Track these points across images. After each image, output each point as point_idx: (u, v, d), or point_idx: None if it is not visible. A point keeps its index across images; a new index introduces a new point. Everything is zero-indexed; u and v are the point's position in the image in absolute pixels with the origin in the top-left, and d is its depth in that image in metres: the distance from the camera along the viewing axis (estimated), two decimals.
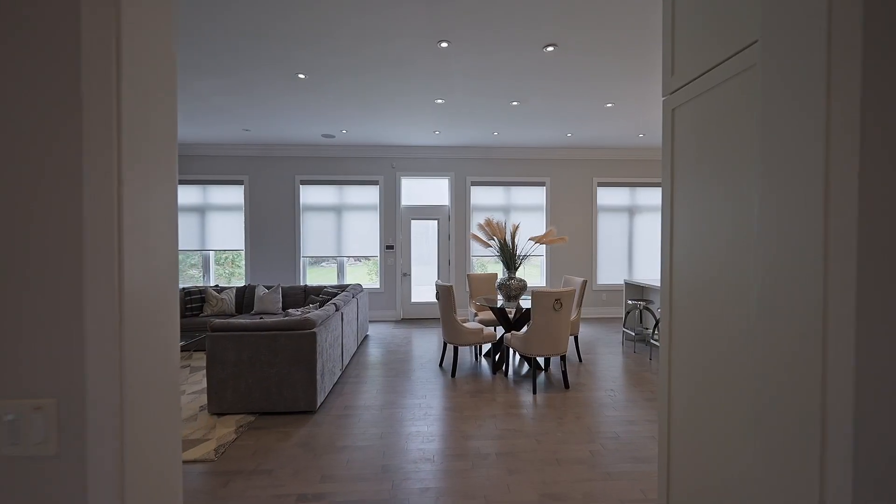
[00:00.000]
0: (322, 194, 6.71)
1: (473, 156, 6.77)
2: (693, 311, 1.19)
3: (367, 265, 7.05)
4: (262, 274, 6.65)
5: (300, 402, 3.08)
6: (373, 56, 3.41)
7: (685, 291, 1.25)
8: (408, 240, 6.83)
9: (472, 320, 4.87)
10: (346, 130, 5.71)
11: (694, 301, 1.19)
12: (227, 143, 6.41)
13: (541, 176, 6.91)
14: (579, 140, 6.29)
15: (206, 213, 6.60)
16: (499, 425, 2.92)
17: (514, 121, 5.27)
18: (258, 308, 5.18)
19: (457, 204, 6.80)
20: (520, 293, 4.25)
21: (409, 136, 5.99)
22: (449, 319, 3.98)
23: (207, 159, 6.57)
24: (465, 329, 3.95)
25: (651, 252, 7.08)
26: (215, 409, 3.05)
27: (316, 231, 6.71)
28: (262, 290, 5.33)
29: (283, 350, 3.06)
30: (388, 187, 6.74)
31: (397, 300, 6.79)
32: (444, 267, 6.85)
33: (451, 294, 3.95)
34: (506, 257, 4.33)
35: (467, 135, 5.97)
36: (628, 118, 5.17)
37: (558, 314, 3.51)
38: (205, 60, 3.50)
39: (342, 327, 4.01)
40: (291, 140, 6.22)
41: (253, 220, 6.63)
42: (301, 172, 6.67)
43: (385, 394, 3.55)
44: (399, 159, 6.74)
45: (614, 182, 6.98)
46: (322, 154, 6.63)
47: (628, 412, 3.15)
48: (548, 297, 3.46)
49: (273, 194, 6.65)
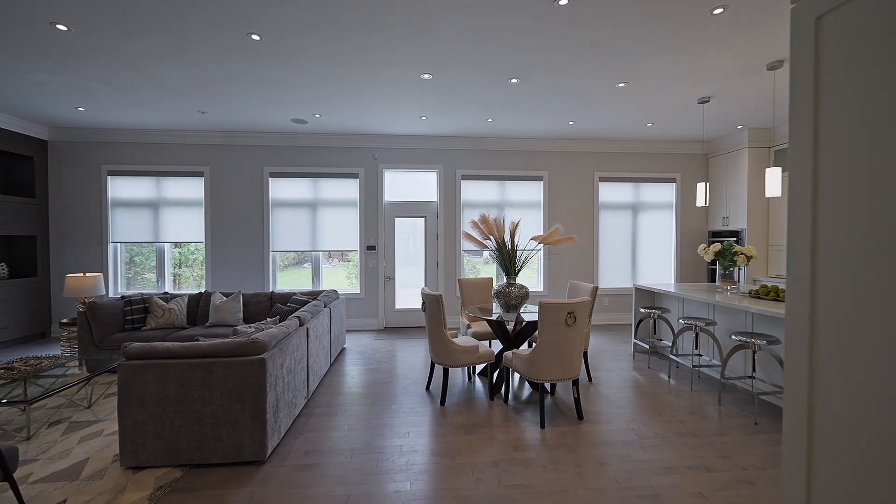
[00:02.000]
0: (294, 188, 5.96)
1: (464, 146, 6.12)
2: (863, 328, 0.62)
3: (346, 268, 6.33)
4: (225, 279, 5.88)
5: (244, 449, 2.38)
6: (344, 7, 2.72)
7: (847, 293, 0.80)
8: (391, 240, 6.13)
9: (464, 333, 4.22)
10: (320, 115, 4.99)
11: (865, 310, 0.61)
12: (182, 130, 5.62)
13: (538, 169, 6.29)
14: (582, 129, 5.69)
15: (161, 209, 5.80)
16: (503, 478, 2.27)
17: (511, 104, 4.63)
18: (214, 319, 4.42)
19: (446, 200, 6.14)
20: (521, 303, 3.61)
21: (393, 123, 5.30)
22: (438, 336, 3.31)
23: (160, 147, 5.76)
24: (457, 347, 3.28)
25: (658, 253, 6.53)
26: (130, 461, 2.32)
27: (287, 230, 5.96)
28: (218, 297, 4.57)
29: (222, 382, 2.35)
30: (370, 181, 6.03)
31: (379, 307, 6.09)
32: (431, 270, 6.18)
33: (439, 305, 3.28)
34: (504, 260, 3.68)
35: (458, 122, 5.31)
36: (640, 103, 4.58)
37: (571, 330, 2.87)
38: (130, 10, 2.76)
39: (308, 346, 3.30)
40: (257, 126, 5.47)
41: (214, 217, 5.85)
42: (270, 164, 5.91)
43: (359, 431, 2.86)
44: (382, 150, 6.04)
45: (617, 177, 6.41)
46: (294, 143, 5.89)
47: (660, 454, 2.53)
48: (558, 311, 2.82)
49: (238, 188, 5.88)
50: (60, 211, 5.65)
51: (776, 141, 5.55)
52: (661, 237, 6.54)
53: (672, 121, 5.28)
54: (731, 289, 4.17)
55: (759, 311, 3.10)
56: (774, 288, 3.51)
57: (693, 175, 6.52)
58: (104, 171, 5.68)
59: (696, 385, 3.73)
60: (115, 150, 5.71)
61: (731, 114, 4.97)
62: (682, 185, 6.51)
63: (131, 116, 5.05)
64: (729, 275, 4.32)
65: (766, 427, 2.90)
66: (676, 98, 4.43)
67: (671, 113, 4.96)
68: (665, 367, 4.22)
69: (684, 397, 3.44)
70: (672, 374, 4.03)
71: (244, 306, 4.68)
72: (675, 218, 6.51)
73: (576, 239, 3.63)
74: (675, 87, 4.12)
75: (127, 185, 5.75)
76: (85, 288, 4.35)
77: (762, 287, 3.63)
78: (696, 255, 6.52)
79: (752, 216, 5.68)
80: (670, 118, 5.17)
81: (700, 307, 4.18)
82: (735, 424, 2.94)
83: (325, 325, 4.00)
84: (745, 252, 3.95)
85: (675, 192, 6.50)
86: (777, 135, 5.51)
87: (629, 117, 5.15)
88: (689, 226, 6.53)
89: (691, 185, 6.51)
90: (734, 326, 3.74)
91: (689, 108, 4.79)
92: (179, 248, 6.01)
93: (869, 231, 0.79)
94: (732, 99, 4.44)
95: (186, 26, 2.94)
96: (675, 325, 4.50)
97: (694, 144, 6.41)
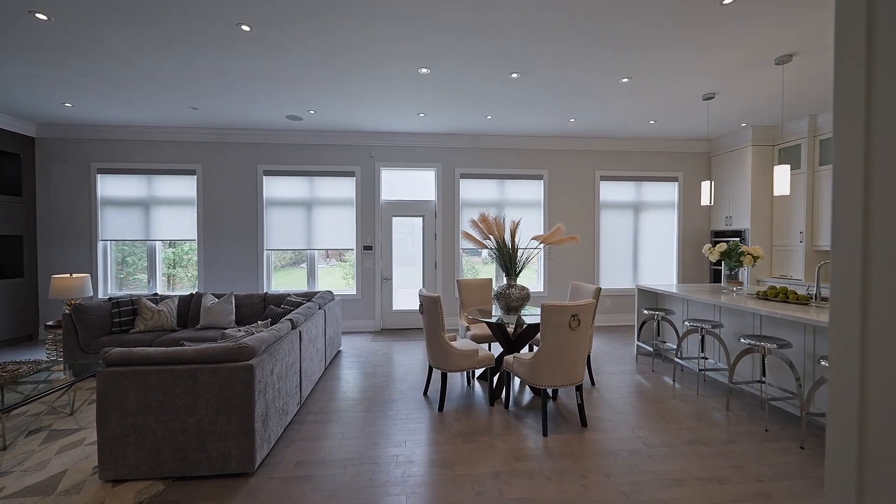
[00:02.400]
0: (289, 187, 5.83)
1: (463, 144, 5.99)
2: None
3: (342, 268, 6.20)
4: (218, 280, 5.74)
5: (231, 460, 2.25)
6: None
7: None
8: (389, 239, 6.00)
9: (462, 336, 4.09)
10: (315, 111, 4.86)
11: None
12: (174, 126, 5.48)
13: (538, 168, 6.17)
14: (583, 127, 5.57)
15: (152, 208, 5.65)
16: (504, 491, 2.15)
17: (511, 101, 4.51)
18: (205, 321, 4.28)
19: (444, 199, 6.02)
20: (521, 304, 3.49)
21: (390, 119, 5.18)
22: (436, 339, 3.18)
23: (151, 145, 5.62)
24: (456, 351, 3.16)
25: (660, 253, 6.42)
26: (110, 473, 2.19)
27: (282, 229, 5.83)
28: (210, 299, 4.43)
29: (207, 390, 2.22)
30: (366, 179, 5.90)
31: (376, 308, 5.96)
32: (429, 270, 6.06)
33: (438, 307, 3.15)
34: (504, 260, 3.56)
35: (456, 119, 5.19)
36: (643, 99, 4.46)
37: (575, 334, 2.75)
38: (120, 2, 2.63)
39: (300, 350, 3.17)
40: (251, 123, 5.34)
41: (207, 216, 5.71)
42: (264, 162, 5.78)
43: (354, 439, 2.73)
44: (378, 147, 5.92)
45: (618, 176, 6.30)
46: (288, 140, 5.75)
47: (669, 464, 2.41)
48: (562, 313, 2.70)
49: (231, 187, 5.74)
50: (48, 210, 5.50)
51: (781, 139, 5.44)
52: (662, 237, 6.44)
53: (675, 118, 5.17)
54: (736, 290, 4.06)
55: (768, 314, 2.99)
56: (783, 289, 3.40)
57: (695, 174, 6.41)
58: (93, 169, 5.54)
59: (703, 389, 3.61)
60: (104, 147, 5.56)
61: (735, 111, 4.86)
62: (684, 183, 6.40)
63: (120, 112, 4.90)
64: (734, 276, 4.22)
65: (777, 434, 2.79)
66: (681, 94, 4.32)
67: (675, 110, 4.85)
68: (669, 371, 4.11)
69: (691, 402, 3.33)
70: (677, 377, 3.92)
71: (236, 308, 4.55)
72: (678, 217, 6.41)
73: (579, 238, 3.51)
74: (679, 83, 4.01)
75: (117, 184, 5.61)
76: (71, 289, 4.21)
77: (770, 288, 3.52)
78: (698, 255, 6.41)
79: (756, 215, 5.58)
80: (674, 115, 5.06)
81: (705, 309, 4.07)
82: (745, 431, 2.82)
83: (320, 327, 3.87)
84: (751, 252, 3.84)
85: (678, 191, 6.39)
86: (782, 132, 5.41)
87: (632, 114, 5.04)
88: (692, 225, 6.43)
89: (694, 183, 6.41)
90: (741, 329, 3.63)
91: (694, 105, 4.68)
92: (173, 248, 5.87)
93: None
94: (738, 94, 4.33)
95: (172, 15, 2.80)
96: (680, 327, 4.39)
97: (696, 143, 6.31)
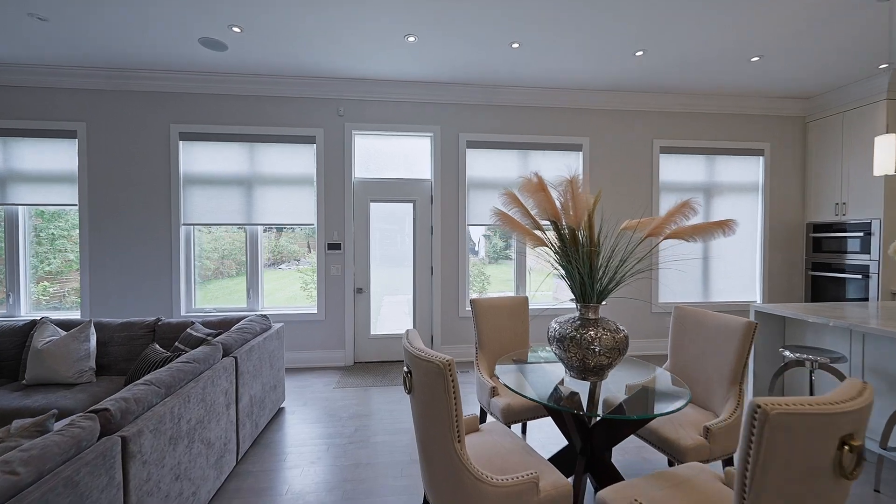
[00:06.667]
0: (218, 157, 4.01)
1: (472, 99, 4.23)
2: None
3: (299, 274, 4.39)
4: (109, 297, 3.90)
5: None
6: None
7: None
8: (365, 234, 4.22)
9: (485, 401, 2.31)
10: (241, 28, 3.07)
11: None
12: (37, 65, 3.63)
13: (576, 135, 4.43)
14: (648, 70, 3.83)
15: (8, 186, 3.80)
16: None
17: (554, 18, 2.76)
18: (34, 373, 2.46)
19: (444, 177, 4.25)
20: (613, 360, 1.73)
21: (364, 49, 3.39)
22: (444, 456, 1.38)
23: (5, 91, 3.77)
24: (490, 489, 1.37)
25: (738, 255, 4.70)
26: None
27: (207, 218, 4.01)
28: (50, 330, 2.60)
29: None
30: (332, 148, 4.11)
31: (346, 333, 4.17)
32: (423, 278, 4.28)
33: (446, 383, 1.35)
34: (579, 268, 1.80)
35: (464, 52, 3.42)
36: (750, 14, 2.74)
37: (836, 482, 0.99)
38: None
39: (171, 444, 1.37)
40: (154, 59, 3.51)
41: (93, 199, 3.87)
42: (180, 119, 3.95)
43: None
44: (350, 102, 4.13)
45: (685, 147, 4.59)
46: (214, 90, 3.94)
47: None
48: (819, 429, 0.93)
49: (131, 155, 3.91)
50: None
51: None
52: (739, 232, 4.74)
53: (790, 52, 3.45)
54: None
55: None
56: None
57: (786, 146, 4.72)
58: None
59: None
60: None
61: (867, 46, 3.16)
62: (771, 158, 4.71)
63: None
64: None
65: None
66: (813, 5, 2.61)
67: (795, 33, 3.13)
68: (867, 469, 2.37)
69: None
70: (883, 479, 2.18)
71: (100, 346, 2.72)
72: (763, 205, 4.71)
73: (733, 225, 1.76)
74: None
75: None
76: None
77: None
78: (790, 258, 4.72)
79: (892, 201, 3.90)
80: (788, 47, 3.34)
81: None
82: None
83: (228, 383, 2.07)
84: None
85: (762, 169, 4.70)
86: None
87: (730, 41, 3.31)
88: (780, 216, 4.73)
89: (784, 157, 4.72)
90: None
91: (830, 23, 2.97)
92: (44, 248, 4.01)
93: None
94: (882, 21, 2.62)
95: None
96: None
97: (790, 102, 4.62)
